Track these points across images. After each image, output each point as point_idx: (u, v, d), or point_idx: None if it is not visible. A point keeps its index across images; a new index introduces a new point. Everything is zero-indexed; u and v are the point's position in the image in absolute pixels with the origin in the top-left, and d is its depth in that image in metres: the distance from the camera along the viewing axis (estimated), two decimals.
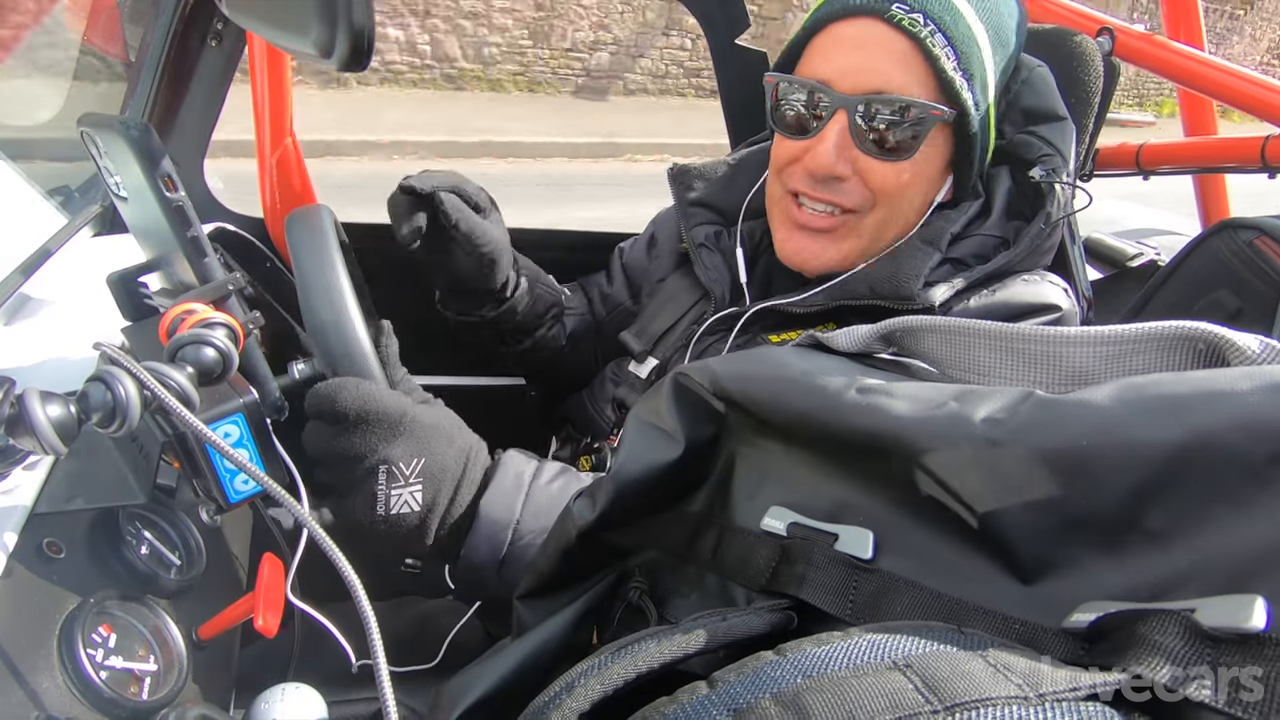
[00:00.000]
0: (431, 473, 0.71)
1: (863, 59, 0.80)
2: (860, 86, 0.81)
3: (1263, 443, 0.30)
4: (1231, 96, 1.27)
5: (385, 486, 0.69)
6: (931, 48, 0.79)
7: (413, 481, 0.70)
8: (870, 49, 0.80)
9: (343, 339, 0.73)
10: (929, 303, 0.83)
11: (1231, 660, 0.26)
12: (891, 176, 0.84)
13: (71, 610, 0.60)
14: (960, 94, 0.81)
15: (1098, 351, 0.40)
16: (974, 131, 0.83)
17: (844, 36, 0.82)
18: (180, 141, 1.29)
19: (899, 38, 0.79)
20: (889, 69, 0.80)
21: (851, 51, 0.81)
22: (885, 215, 0.87)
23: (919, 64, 0.80)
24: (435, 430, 0.72)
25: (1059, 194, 0.87)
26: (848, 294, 0.88)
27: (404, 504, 0.70)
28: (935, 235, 0.87)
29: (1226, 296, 1.08)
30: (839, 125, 0.83)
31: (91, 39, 1.33)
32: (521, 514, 0.73)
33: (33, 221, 1.06)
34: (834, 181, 0.85)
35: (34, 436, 0.50)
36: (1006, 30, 0.85)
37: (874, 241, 0.89)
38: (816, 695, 0.29)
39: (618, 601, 0.57)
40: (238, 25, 1.16)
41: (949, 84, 0.80)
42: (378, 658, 0.42)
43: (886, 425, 0.41)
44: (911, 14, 0.78)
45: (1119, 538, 0.33)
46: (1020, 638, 0.34)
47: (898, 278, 0.84)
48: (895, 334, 0.50)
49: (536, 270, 1.16)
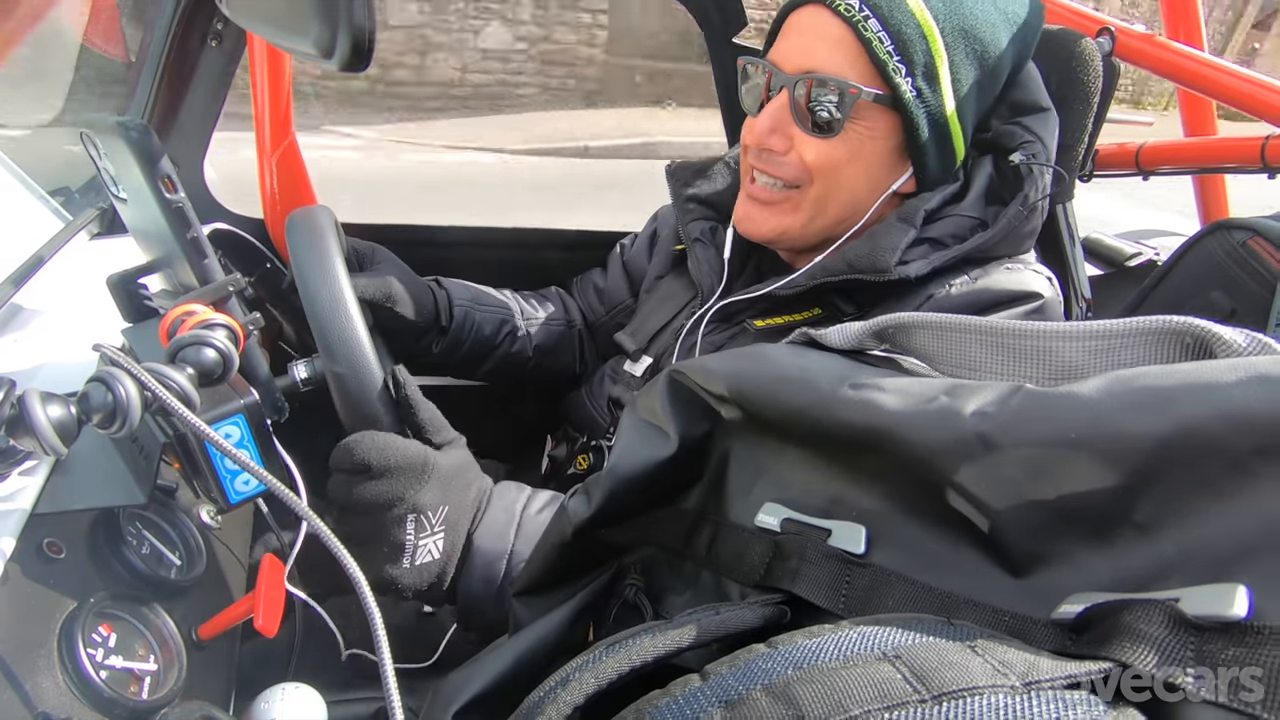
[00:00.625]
0: (452, 520, 0.72)
1: (803, 41, 0.88)
2: (796, 66, 0.88)
3: (1247, 434, 0.30)
4: (1231, 96, 1.27)
5: (414, 536, 0.70)
6: (864, 31, 0.84)
7: (436, 530, 0.71)
8: (810, 33, 0.87)
9: (344, 338, 0.73)
10: (904, 275, 0.86)
11: (1215, 649, 0.27)
12: (823, 152, 0.89)
13: (72, 610, 0.60)
14: (892, 77, 0.85)
15: (1087, 346, 0.40)
16: (914, 116, 0.87)
17: (793, 24, 0.90)
18: (180, 142, 1.29)
19: (836, 22, 0.85)
20: (822, 50, 0.86)
21: (796, 35, 0.89)
22: (822, 192, 0.91)
23: (851, 47, 0.85)
24: (457, 476, 0.74)
25: (1037, 177, 0.89)
26: (827, 272, 0.91)
27: (427, 553, 0.71)
28: (910, 213, 0.90)
29: (1220, 297, 1.08)
30: (780, 102, 0.89)
31: (91, 39, 1.34)
32: (514, 544, 0.75)
33: (33, 223, 1.06)
34: (772, 155, 0.91)
35: (34, 437, 0.50)
36: (977, 31, 0.87)
37: (814, 217, 0.93)
38: (807, 686, 0.29)
39: (613, 598, 0.57)
40: (238, 25, 1.16)
41: (881, 67, 0.84)
42: (382, 654, 0.42)
43: (878, 420, 0.41)
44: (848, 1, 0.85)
45: (1107, 529, 0.33)
46: (1010, 629, 0.34)
47: (874, 253, 0.87)
48: (888, 330, 0.50)
49: (477, 292, 1.18)
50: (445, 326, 1.11)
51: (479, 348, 1.16)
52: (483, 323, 1.16)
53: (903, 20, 0.84)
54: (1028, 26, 0.92)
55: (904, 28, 0.84)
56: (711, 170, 1.12)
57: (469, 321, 1.14)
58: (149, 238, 0.76)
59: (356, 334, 0.74)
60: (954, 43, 0.86)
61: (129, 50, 1.30)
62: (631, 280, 1.25)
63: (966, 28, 0.86)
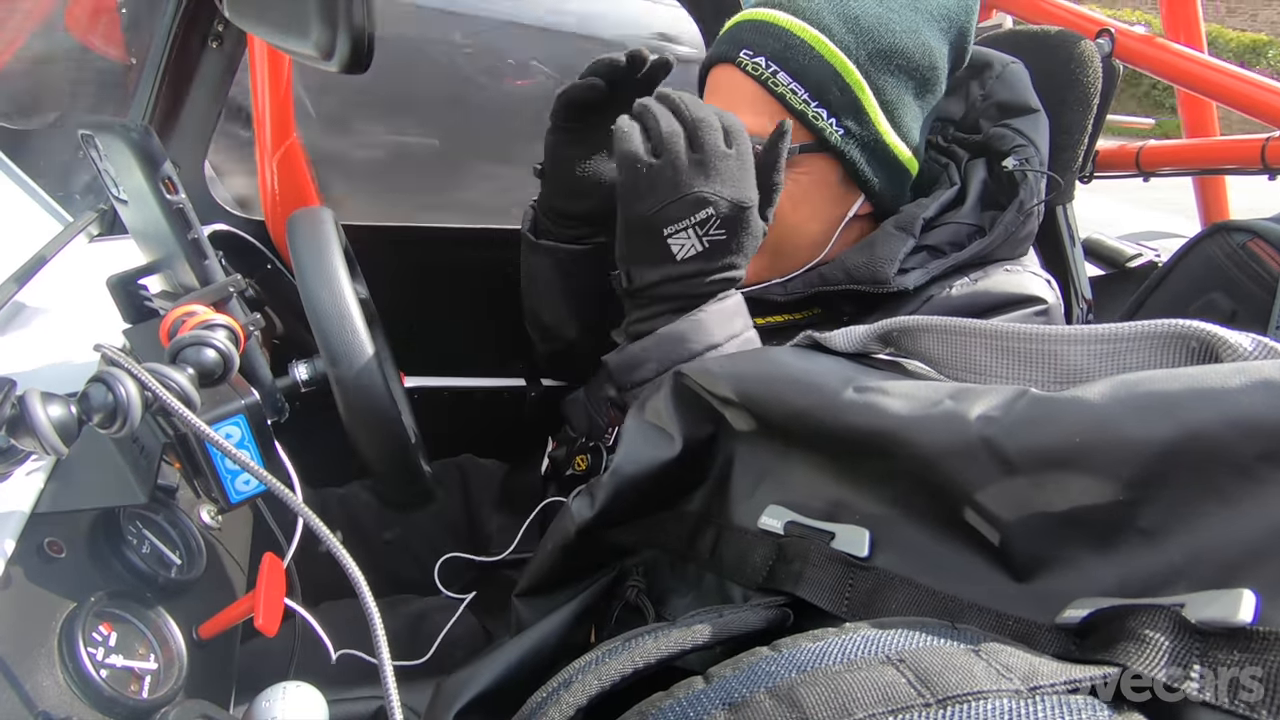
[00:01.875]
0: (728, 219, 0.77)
1: (721, 104, 0.87)
2: None
3: (1252, 439, 0.30)
4: (1231, 98, 1.27)
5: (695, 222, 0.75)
6: (774, 87, 0.84)
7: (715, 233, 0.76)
8: (726, 94, 0.88)
9: (345, 339, 0.73)
10: (903, 286, 0.85)
11: (1219, 654, 0.27)
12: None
13: (72, 609, 0.60)
14: (814, 124, 0.85)
15: (1092, 350, 0.40)
16: (846, 154, 0.87)
17: (712, 82, 0.92)
18: (181, 143, 1.29)
19: (748, 81, 0.86)
20: (741, 111, 0.85)
21: (714, 97, 0.90)
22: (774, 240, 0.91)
23: (766, 103, 0.86)
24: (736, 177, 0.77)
25: (1032, 182, 0.89)
26: (825, 281, 0.91)
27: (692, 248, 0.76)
28: (908, 221, 0.90)
29: (1221, 299, 1.08)
30: None
31: (91, 40, 1.34)
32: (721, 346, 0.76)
33: (33, 224, 1.06)
34: None
35: (35, 437, 0.50)
36: (895, 48, 0.86)
37: (776, 260, 0.94)
38: (811, 689, 0.29)
39: (616, 600, 0.57)
40: (238, 27, 1.16)
41: (801, 116, 0.85)
42: (381, 653, 0.42)
43: (883, 424, 0.41)
44: (755, 58, 0.85)
45: (1112, 534, 0.33)
46: (1014, 634, 0.34)
47: (873, 263, 0.87)
48: (892, 334, 0.50)
49: None
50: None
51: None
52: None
53: (811, 65, 0.83)
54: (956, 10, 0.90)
55: (814, 74, 0.83)
56: None
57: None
58: (149, 239, 0.76)
59: (357, 334, 0.74)
60: (874, 68, 0.85)
61: (129, 51, 1.30)
62: None
63: (884, 48, 0.85)
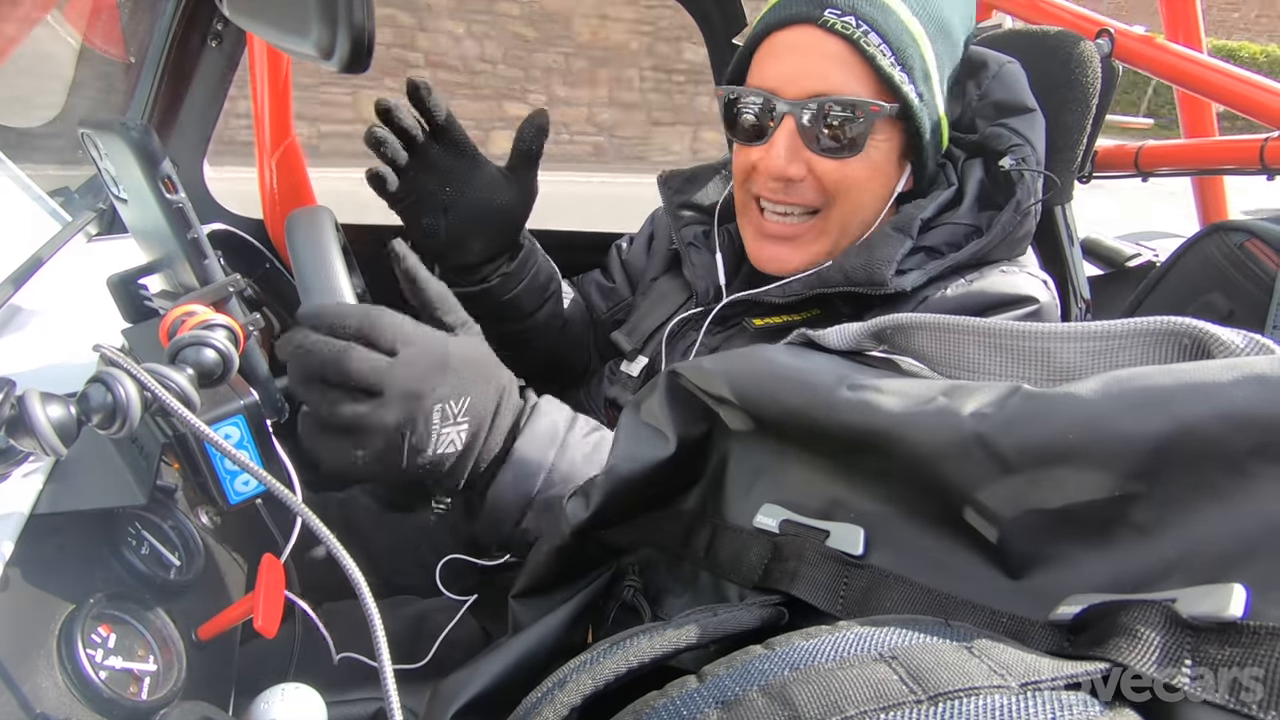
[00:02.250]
0: (474, 411, 0.70)
1: (802, 63, 0.85)
2: (804, 90, 0.85)
3: (1244, 434, 0.30)
4: (1230, 98, 1.27)
5: (438, 426, 0.68)
6: (866, 47, 0.82)
7: (460, 420, 0.69)
8: (808, 53, 0.84)
9: None
10: (901, 288, 0.86)
11: (1211, 649, 0.27)
12: (844, 172, 0.88)
13: (71, 610, 0.60)
14: (900, 88, 0.84)
15: (1085, 347, 0.40)
16: (920, 122, 0.87)
17: (782, 45, 0.87)
18: (180, 142, 1.29)
19: (834, 40, 0.83)
20: (828, 71, 0.84)
21: (791, 57, 0.86)
22: (845, 211, 0.90)
23: (856, 63, 0.84)
24: (473, 368, 0.71)
25: (1029, 182, 0.89)
26: (824, 283, 0.91)
27: (449, 443, 0.69)
28: (906, 222, 0.90)
29: (1218, 299, 1.09)
30: (788, 129, 0.87)
31: (91, 39, 1.34)
32: (555, 462, 0.73)
33: (32, 224, 1.06)
34: (790, 183, 0.89)
35: (34, 437, 0.50)
36: (948, 21, 0.88)
37: (840, 238, 0.93)
38: (803, 687, 0.29)
39: (612, 600, 0.57)
40: (238, 26, 1.17)
41: (888, 79, 0.83)
42: (381, 654, 0.42)
43: (877, 421, 0.41)
44: (844, 17, 0.82)
45: (1105, 530, 0.33)
46: (1007, 630, 0.34)
47: (871, 265, 0.87)
48: (886, 331, 0.50)
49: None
50: (520, 246, 1.07)
51: (533, 292, 1.11)
52: (542, 267, 1.12)
53: (898, 29, 0.83)
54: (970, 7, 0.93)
55: (899, 37, 0.83)
56: (703, 176, 1.12)
57: (534, 257, 1.10)
58: (149, 238, 0.76)
59: None
60: (935, 38, 0.86)
61: (129, 50, 1.30)
62: (631, 279, 1.25)
63: (940, 21, 0.87)
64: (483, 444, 0.72)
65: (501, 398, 0.74)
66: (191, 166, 1.32)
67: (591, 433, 0.78)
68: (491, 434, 0.72)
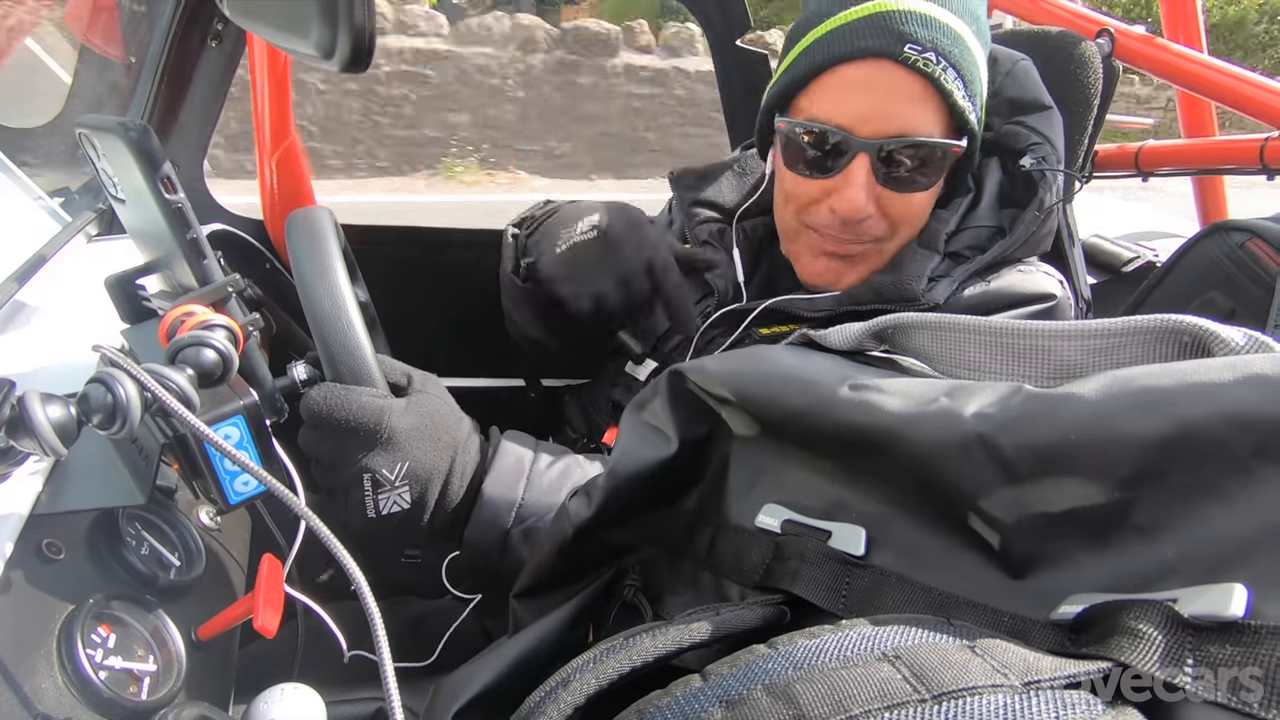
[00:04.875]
0: (416, 474, 0.72)
1: (880, 103, 0.80)
2: (881, 130, 0.80)
3: (1246, 434, 0.30)
4: (1230, 98, 1.27)
5: (372, 493, 0.71)
6: (945, 84, 0.78)
7: (399, 485, 0.71)
8: (886, 92, 0.80)
9: (343, 340, 0.73)
10: (934, 301, 0.85)
11: (1211, 648, 0.27)
12: (911, 206, 0.86)
13: (71, 611, 0.60)
14: (969, 120, 0.82)
15: (1085, 345, 0.40)
16: (976, 147, 0.86)
17: (855, 80, 0.81)
18: (180, 143, 1.29)
19: (913, 79, 0.78)
20: (908, 112, 0.80)
21: (865, 95, 0.80)
22: (905, 237, 0.90)
23: (934, 102, 0.80)
24: (415, 433, 0.72)
25: (1051, 180, 0.89)
26: (855, 300, 0.89)
27: (393, 504, 0.71)
28: (932, 239, 0.89)
29: (1220, 298, 1.08)
30: (863, 169, 0.82)
31: (91, 39, 1.34)
32: (524, 496, 0.75)
33: (31, 224, 1.06)
34: (862, 221, 0.86)
35: (34, 438, 0.50)
36: (985, 28, 0.87)
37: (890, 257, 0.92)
38: (807, 686, 0.30)
39: (613, 599, 0.57)
40: (238, 26, 1.16)
41: (961, 114, 0.81)
42: (382, 654, 0.42)
43: (879, 421, 0.41)
44: (924, 54, 0.77)
45: (1107, 530, 0.33)
46: (1009, 630, 0.34)
47: (901, 281, 0.86)
48: (887, 331, 0.50)
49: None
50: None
51: None
52: None
53: (968, 59, 0.80)
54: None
55: (969, 67, 0.81)
56: (716, 174, 1.10)
57: None
58: (148, 239, 0.76)
59: (356, 335, 0.74)
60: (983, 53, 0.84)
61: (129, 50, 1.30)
62: None
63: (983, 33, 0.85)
64: (436, 499, 0.74)
65: (456, 453, 0.75)
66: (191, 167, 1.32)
67: (555, 461, 0.80)
68: (448, 487, 0.74)
